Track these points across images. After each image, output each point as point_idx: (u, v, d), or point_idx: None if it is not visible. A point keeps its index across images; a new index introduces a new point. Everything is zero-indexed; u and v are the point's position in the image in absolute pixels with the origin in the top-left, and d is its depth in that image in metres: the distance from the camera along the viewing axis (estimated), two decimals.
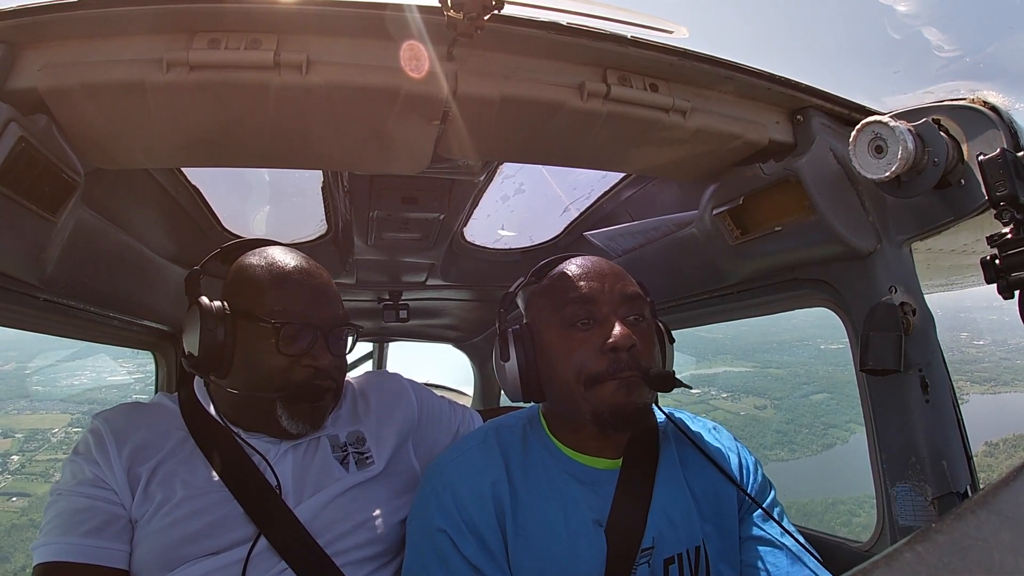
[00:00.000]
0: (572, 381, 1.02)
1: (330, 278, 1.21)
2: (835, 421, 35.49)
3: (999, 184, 1.01)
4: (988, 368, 38.66)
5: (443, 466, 1.08)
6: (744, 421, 34.72)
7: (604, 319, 1.03)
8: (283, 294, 1.12)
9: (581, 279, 1.07)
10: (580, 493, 1.04)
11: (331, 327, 1.15)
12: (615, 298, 1.05)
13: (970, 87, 1.14)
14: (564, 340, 1.04)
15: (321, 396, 1.13)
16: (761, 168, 1.38)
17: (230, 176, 1.97)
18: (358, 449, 1.22)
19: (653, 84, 1.22)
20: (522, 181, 2.05)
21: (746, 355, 45.53)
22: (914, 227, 1.26)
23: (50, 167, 1.09)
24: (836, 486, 28.32)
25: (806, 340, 44.68)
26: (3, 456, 21.12)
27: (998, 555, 0.34)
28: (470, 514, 1.00)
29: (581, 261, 1.13)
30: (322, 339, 1.13)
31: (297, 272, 1.15)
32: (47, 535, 1.03)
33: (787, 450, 33.94)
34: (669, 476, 1.09)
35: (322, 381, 1.13)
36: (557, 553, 0.98)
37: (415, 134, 1.23)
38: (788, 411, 37.20)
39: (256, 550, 1.05)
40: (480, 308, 3.35)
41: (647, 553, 1.00)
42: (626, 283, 1.08)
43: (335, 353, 1.16)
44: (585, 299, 1.04)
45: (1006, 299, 1.00)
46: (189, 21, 1.03)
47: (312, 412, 1.14)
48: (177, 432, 1.15)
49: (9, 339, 31.77)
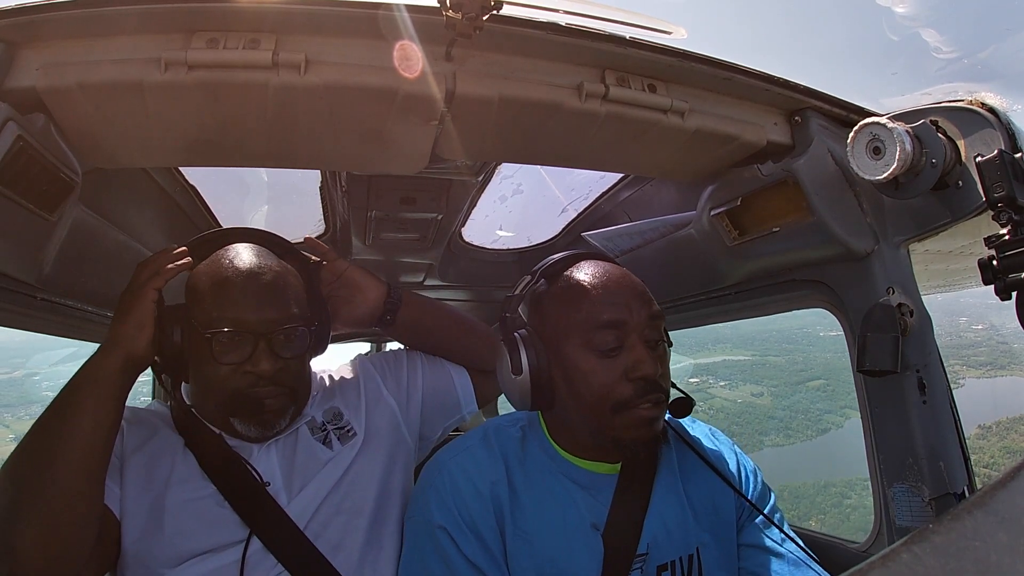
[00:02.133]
0: (597, 405, 0.99)
1: (283, 274, 1.14)
2: (830, 407, 35.84)
3: (997, 185, 1.01)
4: (985, 352, 38.77)
5: (443, 464, 1.07)
6: (741, 408, 34.95)
7: (631, 345, 1.00)
8: (219, 300, 1.08)
9: (610, 300, 1.01)
10: (579, 497, 1.04)
11: (272, 330, 1.08)
12: (643, 322, 1.01)
13: (968, 89, 1.14)
14: (589, 363, 1.00)
15: (260, 405, 1.09)
16: (759, 169, 1.39)
17: (228, 176, 1.97)
18: (337, 424, 1.23)
19: (651, 85, 1.22)
20: (520, 182, 2.05)
21: (746, 343, 45.69)
22: (912, 228, 1.26)
23: (48, 166, 1.08)
24: (829, 469, 28.87)
25: (805, 327, 44.87)
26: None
27: (995, 556, 0.34)
28: (470, 513, 1.00)
29: (602, 274, 1.06)
30: (263, 344, 1.07)
31: (236, 275, 1.10)
32: None
33: (783, 436, 34.43)
34: (667, 483, 1.09)
35: (263, 388, 1.08)
36: (555, 555, 0.99)
37: (413, 134, 1.23)
38: (784, 398, 37.52)
39: (251, 551, 1.05)
40: (478, 308, 3.34)
41: (641, 559, 1.01)
42: (650, 302, 1.04)
43: (284, 355, 1.10)
44: (616, 324, 1.00)
45: (1003, 300, 1.00)
46: (187, 20, 1.02)
47: (261, 420, 1.11)
48: (170, 435, 1.15)
49: (16, 345, 31.92)
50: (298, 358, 1.14)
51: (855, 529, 20.67)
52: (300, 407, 1.20)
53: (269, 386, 1.09)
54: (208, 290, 1.10)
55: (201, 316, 1.08)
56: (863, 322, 1.26)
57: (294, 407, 1.16)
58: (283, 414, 1.13)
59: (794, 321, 45.87)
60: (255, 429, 1.11)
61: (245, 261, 1.12)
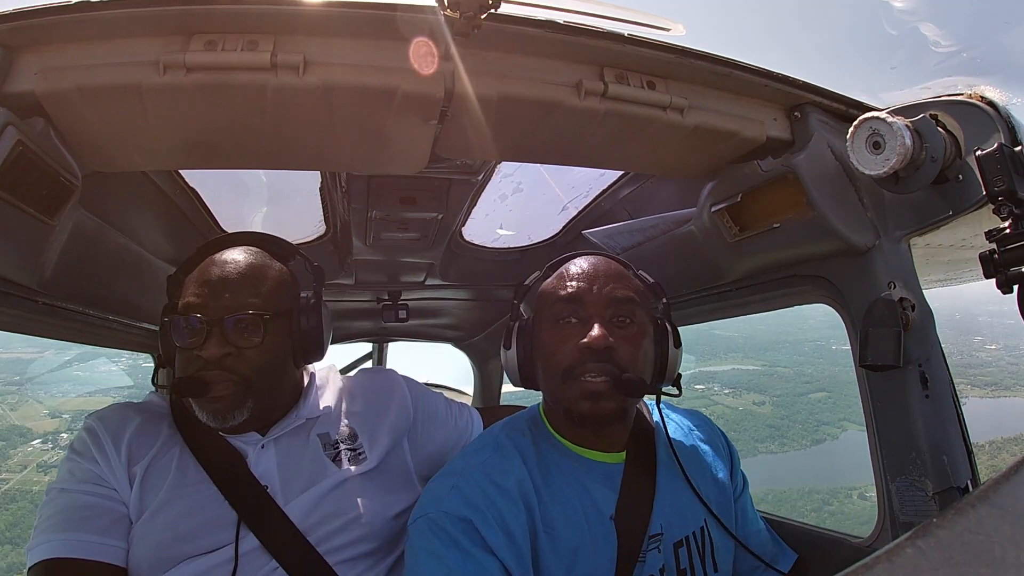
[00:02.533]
0: (553, 373, 1.08)
1: (258, 267, 1.17)
2: (828, 419, 36.57)
3: (997, 179, 1.01)
4: (993, 372, 38.96)
5: (462, 469, 1.07)
6: (741, 416, 35.46)
7: (588, 319, 1.07)
8: (189, 289, 1.14)
9: (573, 279, 1.12)
10: (592, 487, 1.08)
11: (222, 315, 1.09)
12: (602, 300, 1.08)
13: (968, 83, 1.14)
14: (551, 335, 1.10)
15: (204, 389, 1.08)
16: (759, 165, 1.38)
17: (228, 178, 1.96)
18: (351, 445, 1.22)
19: (650, 82, 1.22)
20: (520, 180, 2.05)
21: (757, 353, 46.34)
22: (912, 223, 1.26)
23: (48, 171, 1.08)
24: (815, 477, 29.89)
25: (819, 340, 45.31)
26: (54, 434, 25.27)
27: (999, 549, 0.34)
28: (499, 510, 1.00)
29: (580, 261, 1.16)
30: (216, 329, 1.08)
31: (209, 265, 1.15)
32: (48, 532, 1.03)
33: (777, 443, 35.26)
34: (669, 467, 1.16)
35: (208, 372, 1.08)
36: (577, 546, 1.02)
37: (413, 134, 1.23)
38: (785, 408, 38.18)
39: (247, 549, 1.05)
40: (479, 307, 3.34)
41: (657, 539, 1.08)
42: (618, 286, 1.10)
43: (236, 342, 1.10)
44: (572, 299, 1.09)
45: (1005, 294, 1.00)
46: (186, 23, 1.02)
47: (211, 406, 1.10)
48: (167, 432, 1.16)
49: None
50: (256, 348, 1.11)
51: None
52: (264, 402, 1.15)
53: (216, 370, 1.09)
54: (188, 282, 1.15)
55: (180, 307, 1.12)
56: (865, 317, 1.26)
57: (251, 400, 1.12)
58: (236, 403, 1.10)
59: (811, 334, 46.52)
60: (208, 416, 1.10)
61: (224, 256, 1.17)
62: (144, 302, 1.84)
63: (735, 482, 1.27)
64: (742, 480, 1.29)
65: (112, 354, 32.54)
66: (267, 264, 1.19)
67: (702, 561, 1.12)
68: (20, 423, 26.02)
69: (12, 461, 23.32)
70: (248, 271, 1.15)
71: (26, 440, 24.78)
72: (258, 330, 1.12)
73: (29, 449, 24.03)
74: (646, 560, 1.05)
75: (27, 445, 24.36)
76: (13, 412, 26.93)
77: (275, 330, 1.14)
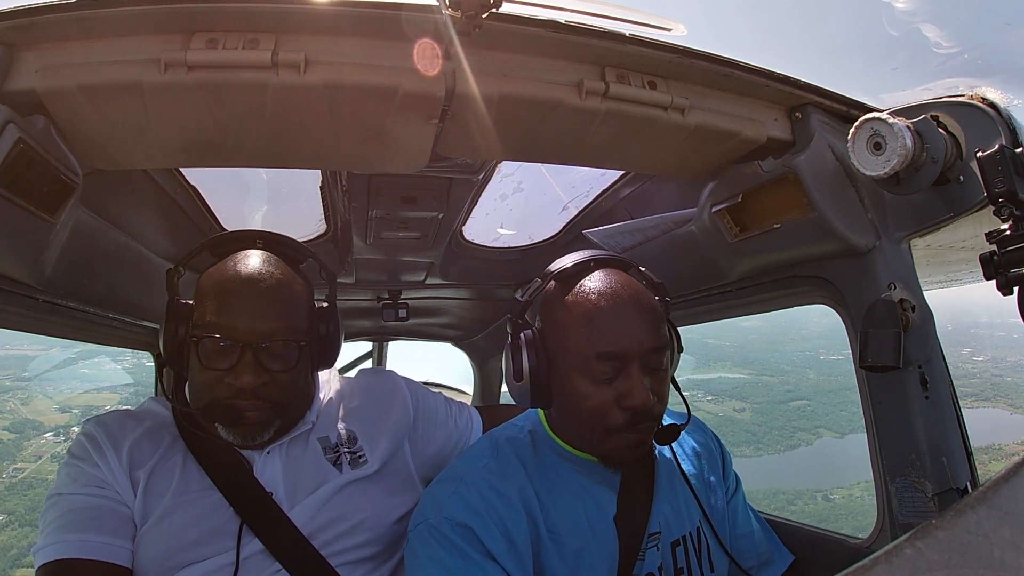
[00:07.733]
0: (588, 426, 1.03)
1: (285, 284, 1.12)
2: (805, 426, 37.61)
3: (998, 180, 1.01)
4: (976, 384, 39.46)
5: (462, 475, 1.06)
6: (720, 421, 36.43)
7: (628, 374, 1.00)
8: (215, 305, 1.07)
9: (613, 328, 1.00)
10: (594, 488, 1.08)
11: (258, 342, 1.05)
12: (643, 352, 1.00)
13: (968, 84, 1.14)
14: (585, 387, 1.01)
15: (238, 418, 1.06)
16: (760, 165, 1.38)
17: (229, 176, 1.96)
18: (351, 449, 1.21)
19: (651, 82, 1.22)
20: (521, 179, 2.05)
21: (746, 362, 46.81)
22: (913, 224, 1.26)
23: (48, 168, 1.08)
24: (783, 479, 30.91)
25: (808, 351, 45.90)
26: (65, 427, 25.82)
27: (998, 551, 0.34)
28: (500, 516, 1.00)
29: (612, 294, 1.03)
30: (249, 355, 1.04)
31: (235, 281, 1.08)
32: (55, 534, 1.02)
33: (752, 448, 36.13)
34: (667, 469, 1.17)
35: (242, 401, 1.05)
36: (580, 548, 1.02)
37: (414, 133, 1.23)
38: (764, 414, 39.22)
39: (251, 553, 1.05)
40: (479, 307, 3.35)
41: (655, 537, 1.08)
42: (655, 331, 1.02)
43: (271, 368, 1.07)
44: (616, 356, 0.99)
45: (1005, 295, 1.00)
46: (187, 21, 1.02)
47: (240, 430, 1.09)
48: (169, 437, 1.15)
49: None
50: (288, 371, 1.10)
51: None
52: (289, 419, 1.16)
53: (251, 399, 1.06)
54: (208, 292, 1.09)
55: (198, 317, 1.08)
56: (865, 318, 1.26)
57: (280, 420, 1.12)
58: (266, 426, 1.10)
59: (802, 343, 47.08)
60: (236, 437, 1.10)
61: (248, 267, 1.10)
62: (145, 300, 1.84)
63: (727, 483, 1.27)
64: (735, 481, 1.29)
65: (113, 352, 33.04)
66: (292, 279, 1.15)
67: (699, 561, 1.12)
68: (32, 417, 26.79)
69: (27, 452, 24.15)
70: (277, 289, 1.10)
71: (39, 432, 25.54)
72: (292, 356, 1.10)
73: (42, 441, 24.84)
74: (645, 558, 1.06)
75: (40, 437, 25.16)
76: (24, 407, 27.65)
77: (306, 351, 1.13)
